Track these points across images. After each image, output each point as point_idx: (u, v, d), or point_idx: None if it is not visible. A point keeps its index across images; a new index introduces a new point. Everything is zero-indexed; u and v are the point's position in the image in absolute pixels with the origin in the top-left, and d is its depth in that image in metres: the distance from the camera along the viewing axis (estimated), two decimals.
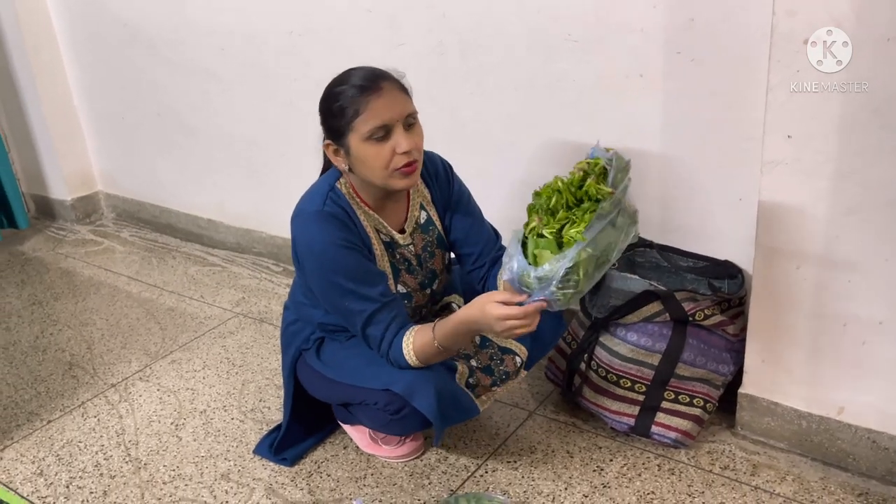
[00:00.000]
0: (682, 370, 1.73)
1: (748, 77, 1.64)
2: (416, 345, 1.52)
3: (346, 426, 1.85)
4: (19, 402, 2.11)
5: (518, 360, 1.72)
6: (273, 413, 1.99)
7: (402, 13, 2.15)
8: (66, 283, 2.85)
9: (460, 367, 1.66)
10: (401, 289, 1.66)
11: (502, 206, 1.97)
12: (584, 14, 1.83)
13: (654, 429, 1.75)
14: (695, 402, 1.75)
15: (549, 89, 1.97)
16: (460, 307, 1.61)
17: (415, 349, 1.52)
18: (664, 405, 1.75)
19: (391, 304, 1.56)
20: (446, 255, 1.75)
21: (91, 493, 1.74)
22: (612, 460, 1.74)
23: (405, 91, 1.51)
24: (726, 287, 1.79)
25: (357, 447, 1.83)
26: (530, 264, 1.34)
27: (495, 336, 1.69)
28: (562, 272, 1.30)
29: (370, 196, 1.60)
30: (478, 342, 1.72)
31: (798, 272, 1.57)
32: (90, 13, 2.98)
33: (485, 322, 1.42)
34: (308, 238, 1.55)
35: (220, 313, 2.54)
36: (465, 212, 1.71)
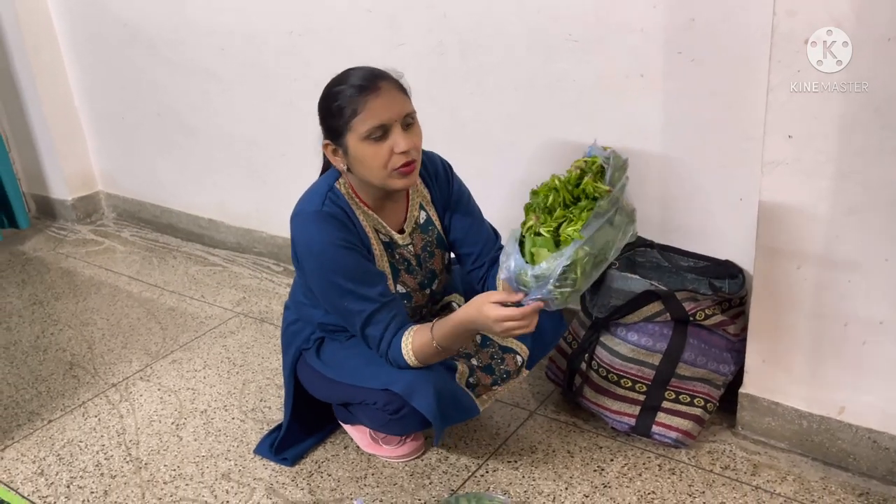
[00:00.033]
0: (682, 370, 1.73)
1: (748, 77, 1.63)
2: (415, 345, 1.52)
3: (347, 426, 1.85)
4: (20, 401, 2.11)
5: (519, 359, 1.72)
6: (274, 413, 1.99)
7: (402, 13, 2.15)
8: (67, 282, 2.85)
9: (460, 366, 1.66)
10: (400, 289, 1.66)
11: (502, 206, 1.96)
12: (584, 14, 1.83)
13: (654, 429, 1.75)
14: (695, 401, 1.74)
15: (549, 89, 1.96)
16: (461, 307, 1.61)
17: (413, 349, 1.52)
18: (665, 405, 1.75)
19: (390, 304, 1.56)
20: (446, 255, 1.75)
21: (92, 492, 1.75)
22: (612, 460, 1.74)
23: (403, 91, 1.51)
24: (727, 287, 1.79)
25: (357, 447, 1.83)
26: (527, 263, 1.33)
27: (495, 336, 1.69)
28: (559, 270, 1.29)
29: (369, 196, 1.60)
30: (479, 341, 1.72)
31: (799, 272, 1.57)
32: (91, 13, 2.98)
33: (482, 323, 1.42)
34: (307, 238, 1.55)
35: (220, 313, 2.54)
36: (465, 212, 1.71)
